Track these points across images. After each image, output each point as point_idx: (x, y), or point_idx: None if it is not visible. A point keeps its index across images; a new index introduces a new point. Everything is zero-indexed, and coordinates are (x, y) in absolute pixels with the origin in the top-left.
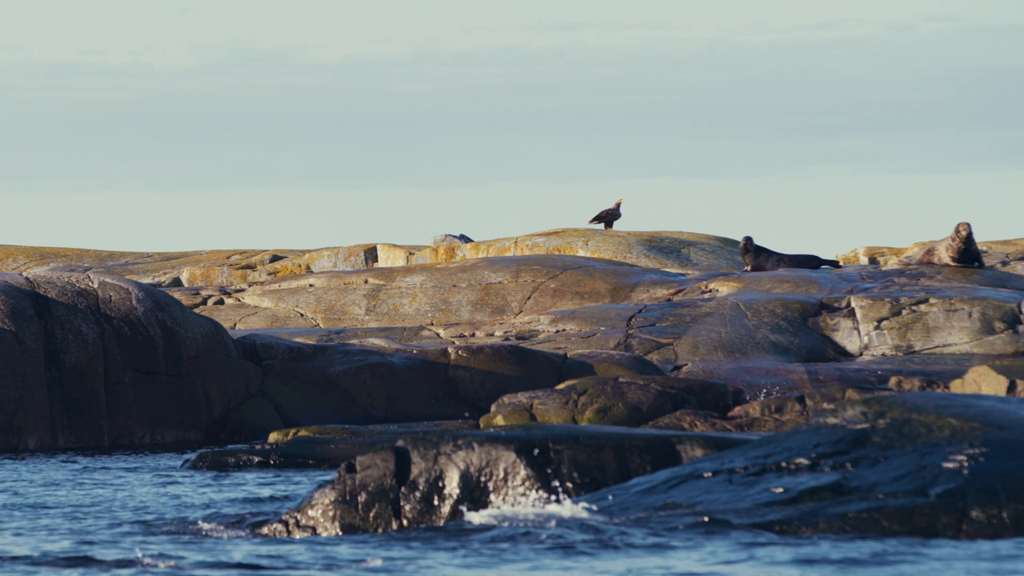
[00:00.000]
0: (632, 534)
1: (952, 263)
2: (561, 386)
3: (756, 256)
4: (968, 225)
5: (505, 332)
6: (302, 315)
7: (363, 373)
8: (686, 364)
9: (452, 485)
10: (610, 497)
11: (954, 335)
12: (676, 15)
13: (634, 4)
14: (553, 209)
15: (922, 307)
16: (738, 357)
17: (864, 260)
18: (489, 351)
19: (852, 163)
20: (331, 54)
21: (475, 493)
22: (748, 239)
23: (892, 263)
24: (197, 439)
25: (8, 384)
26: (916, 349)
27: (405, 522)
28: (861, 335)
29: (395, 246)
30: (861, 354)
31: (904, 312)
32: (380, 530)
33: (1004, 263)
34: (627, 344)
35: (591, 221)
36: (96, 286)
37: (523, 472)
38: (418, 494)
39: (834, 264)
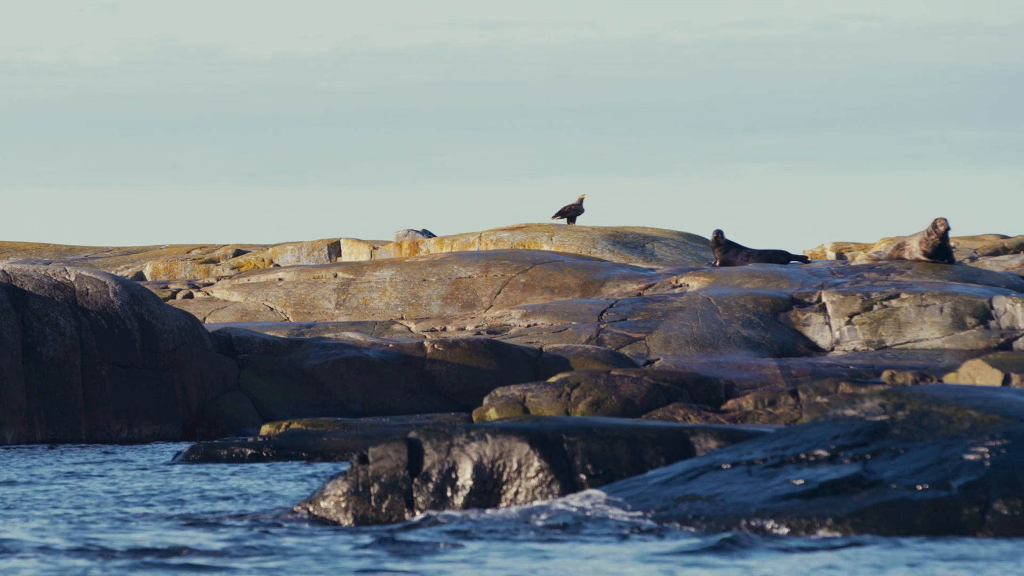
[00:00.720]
0: (652, 526)
1: (924, 258)
2: (553, 379)
3: (725, 251)
4: (946, 221)
5: (476, 326)
6: (272, 309)
7: (340, 367)
8: (658, 359)
9: (465, 476)
10: (628, 488)
11: (925, 330)
12: (603, 14)
13: (561, 3)
14: (481, 207)
15: (893, 302)
16: (710, 352)
17: (831, 255)
18: (465, 345)
19: (778, 162)
20: (260, 52)
21: (488, 485)
22: (719, 233)
23: (860, 258)
24: (174, 433)
25: None
26: (888, 344)
27: (418, 513)
28: (832, 330)
29: (359, 241)
30: (832, 349)
31: (875, 307)
32: (393, 521)
33: (972, 259)
34: (599, 339)
35: (554, 216)
36: (73, 279)
37: (537, 464)
38: (431, 485)
39: (803, 259)
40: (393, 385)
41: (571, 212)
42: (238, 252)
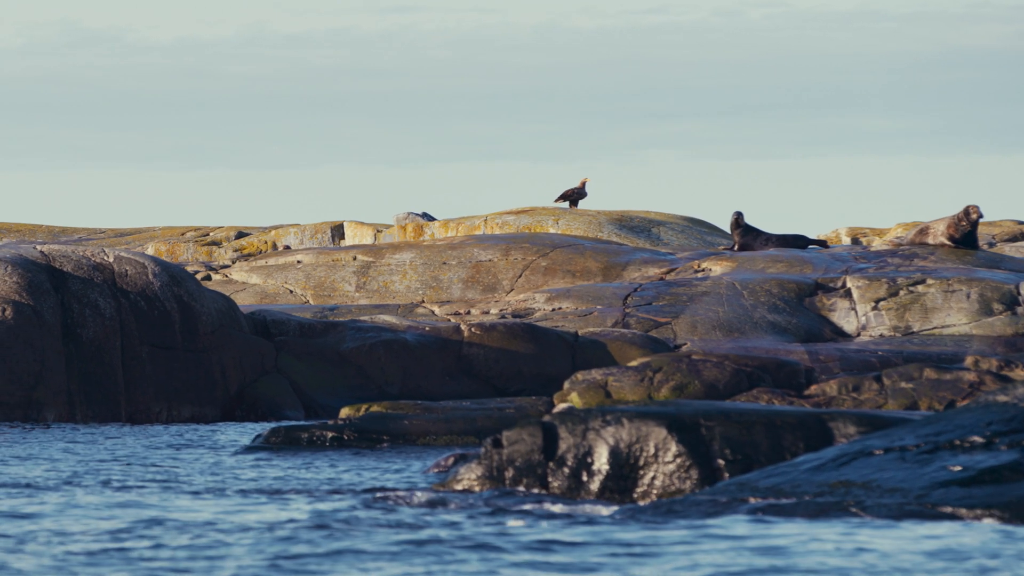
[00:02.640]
0: (810, 512)
1: (949, 243)
2: (635, 363)
3: (744, 234)
4: (979, 208)
5: (500, 310)
6: (291, 291)
7: (377, 350)
8: (685, 343)
9: (601, 461)
10: (780, 474)
11: (952, 316)
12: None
13: None
14: (385, 191)
15: (919, 288)
16: (737, 337)
17: (846, 240)
18: (502, 329)
19: (680, 147)
20: (163, 35)
21: (624, 469)
22: (739, 215)
23: (876, 244)
24: (213, 415)
25: (28, 358)
26: (914, 330)
27: (551, 497)
28: (859, 315)
29: (362, 224)
30: (859, 334)
31: (901, 293)
32: (528, 505)
33: (991, 244)
34: (625, 323)
35: (556, 200)
36: (112, 260)
37: (674, 449)
38: (566, 470)
39: (822, 244)
40: (431, 369)
41: (574, 195)
42: (240, 234)
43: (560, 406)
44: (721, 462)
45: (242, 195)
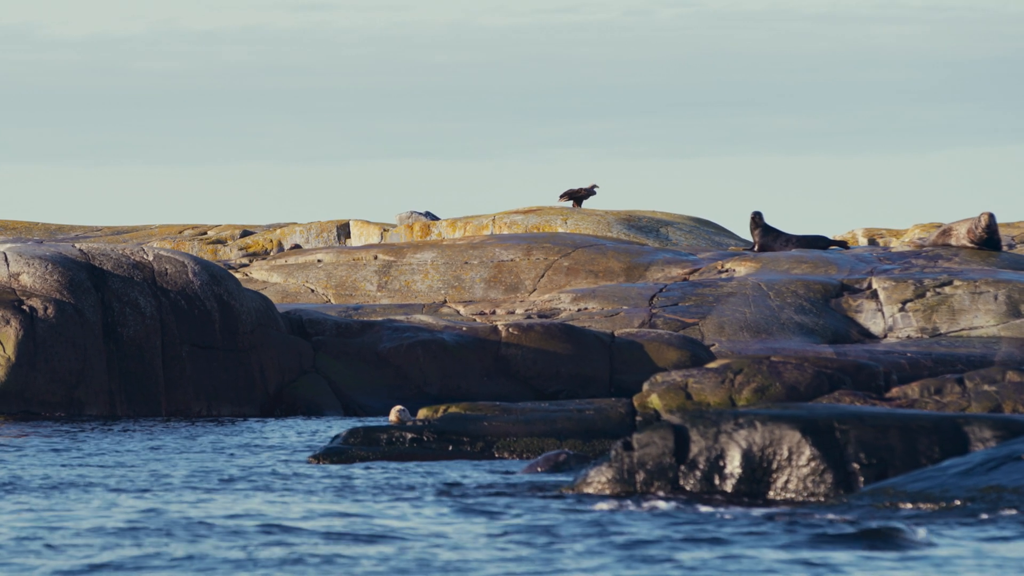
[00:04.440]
0: (963, 518)
1: (971, 246)
2: (714, 364)
3: (764, 234)
4: (990, 215)
5: (526, 310)
6: (312, 291)
7: (415, 350)
8: (713, 344)
9: (733, 464)
10: (926, 478)
11: (980, 318)
12: None
13: None
14: (301, 190)
15: (946, 289)
16: (764, 338)
17: (863, 241)
18: (540, 329)
19: (593, 146)
20: (74, 31)
21: (757, 473)
22: (758, 214)
23: (895, 245)
24: (252, 415)
25: (70, 356)
26: (942, 331)
27: (683, 501)
28: (885, 317)
29: (368, 223)
30: (886, 336)
31: (928, 294)
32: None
33: (1011, 246)
34: (651, 323)
35: (561, 197)
36: (151, 259)
37: (808, 452)
38: (698, 472)
39: (843, 245)
40: (469, 369)
41: (581, 195)
42: (245, 233)
43: (658, 401)
44: (856, 466)
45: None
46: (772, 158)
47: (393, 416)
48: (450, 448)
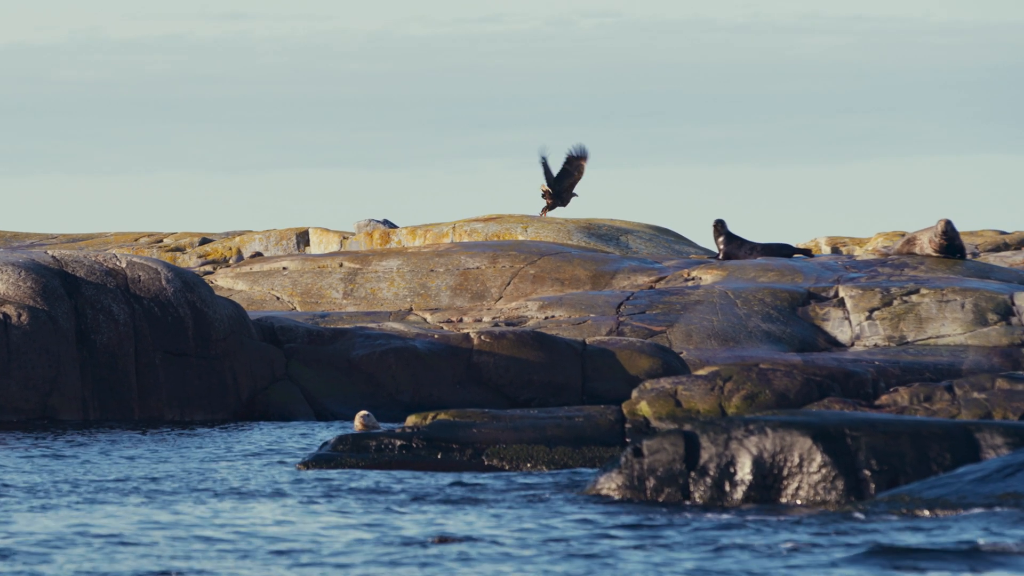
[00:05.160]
0: (984, 525)
1: (935, 254)
2: (703, 372)
3: (729, 243)
4: (947, 221)
5: (493, 318)
6: (278, 298)
7: (388, 357)
8: (681, 352)
9: (744, 471)
10: (942, 485)
11: (947, 326)
12: (342, 7)
13: None
14: (223, 199)
15: (913, 297)
16: (732, 346)
17: (826, 249)
18: (512, 337)
19: (513, 156)
20: None
21: (768, 479)
22: (721, 222)
23: (859, 253)
24: (225, 422)
25: (44, 364)
26: (909, 340)
27: (694, 507)
28: (852, 325)
29: (327, 230)
30: (853, 344)
31: (895, 302)
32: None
33: (975, 255)
34: (619, 331)
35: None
36: (124, 265)
37: (819, 459)
38: (708, 479)
39: (807, 253)
40: (441, 377)
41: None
42: (204, 240)
43: (647, 408)
44: (867, 473)
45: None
46: (695, 168)
47: (358, 423)
48: (439, 455)
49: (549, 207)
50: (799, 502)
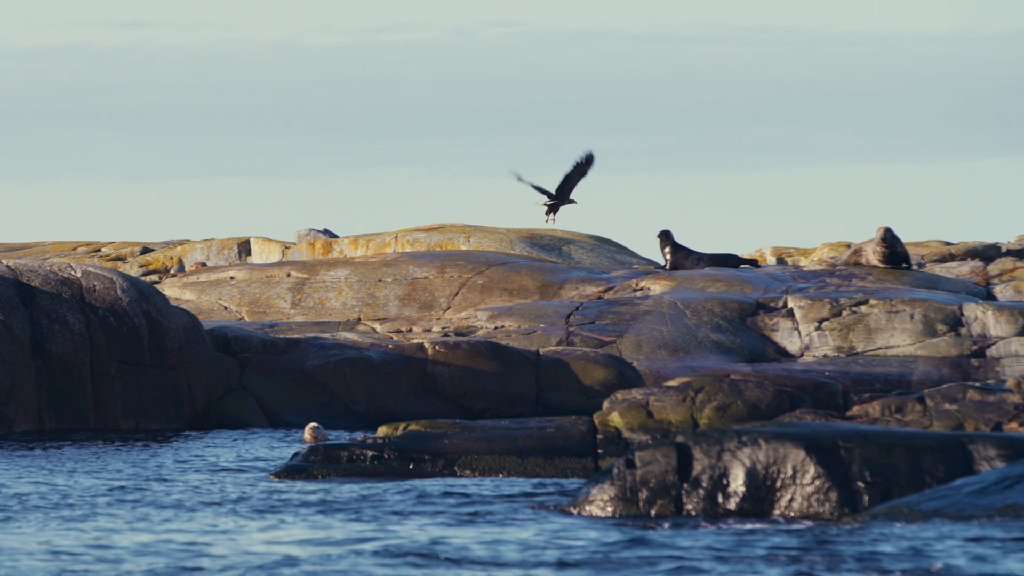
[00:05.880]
0: (982, 537)
1: (881, 264)
2: (675, 382)
3: (675, 252)
4: (886, 229)
5: (443, 328)
6: (226, 308)
7: (342, 367)
8: (632, 362)
9: (737, 482)
10: (941, 497)
11: (896, 337)
12: (244, 16)
13: (202, 4)
14: (128, 208)
15: (863, 308)
16: (683, 356)
17: (771, 260)
18: (466, 347)
19: (419, 165)
20: None
21: (761, 491)
22: (668, 233)
23: (804, 263)
24: (181, 432)
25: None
26: (859, 350)
27: (687, 519)
28: (802, 335)
29: (269, 240)
30: (802, 355)
31: (844, 313)
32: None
33: (920, 265)
34: (569, 341)
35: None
36: (79, 275)
37: (813, 470)
38: (701, 491)
39: (753, 263)
40: (396, 387)
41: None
42: (145, 250)
43: (619, 419)
44: (860, 484)
45: None
46: (598, 177)
47: (307, 434)
48: (411, 466)
49: (553, 210)
50: (792, 514)
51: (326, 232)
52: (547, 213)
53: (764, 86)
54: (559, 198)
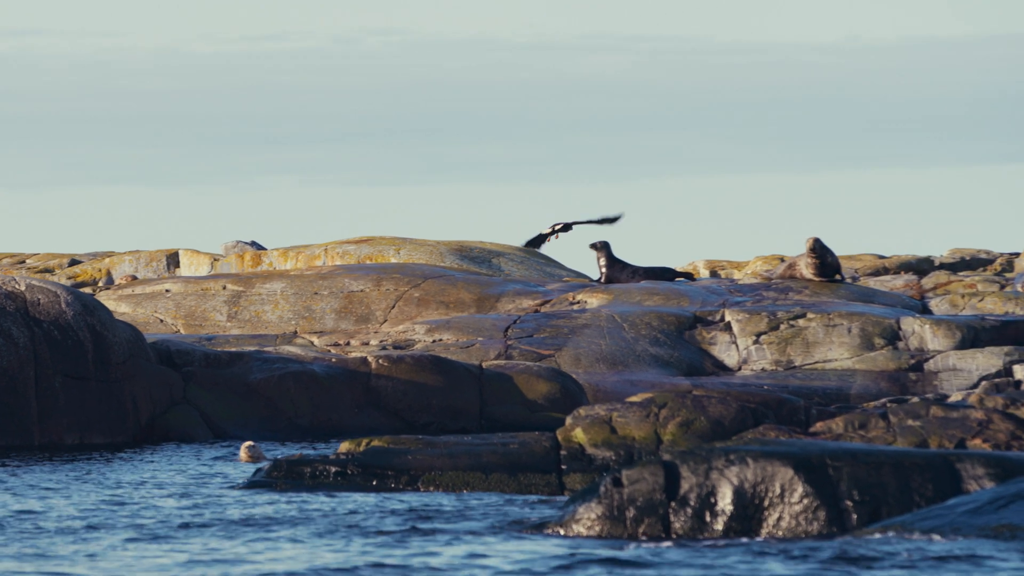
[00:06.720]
0: (978, 556)
1: (815, 278)
2: (638, 398)
3: (611, 266)
4: (815, 239)
5: (381, 341)
6: (162, 321)
7: (286, 381)
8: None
9: (725, 501)
10: (935, 517)
11: (834, 350)
12: (127, 24)
13: (84, 12)
14: (12, 216)
15: (800, 322)
16: (621, 370)
17: (705, 273)
18: (410, 361)
19: (298, 173)
20: None
21: (749, 510)
22: (605, 244)
23: (738, 277)
24: (125, 446)
25: None
26: (796, 364)
27: (675, 538)
28: (740, 349)
29: (198, 252)
30: (740, 368)
31: (782, 327)
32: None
33: (854, 279)
34: (507, 355)
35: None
36: (23, 288)
37: (801, 489)
38: (689, 510)
39: (688, 276)
40: (340, 400)
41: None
42: (73, 262)
43: (582, 435)
44: (849, 503)
45: None
46: (480, 186)
47: (243, 454)
48: (374, 482)
49: (565, 229)
50: (781, 533)
51: (254, 244)
52: (551, 234)
53: (646, 95)
54: (568, 224)
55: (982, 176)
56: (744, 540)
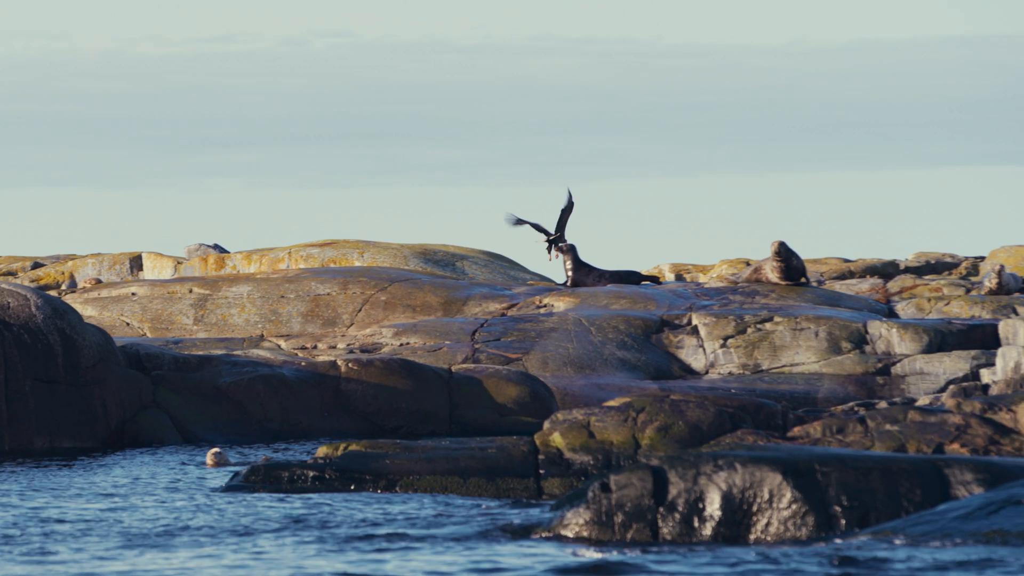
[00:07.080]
0: (969, 562)
1: (781, 282)
2: (615, 403)
3: (577, 270)
4: (780, 243)
5: (348, 344)
6: (128, 324)
7: (256, 385)
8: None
9: (713, 507)
10: (926, 523)
11: (801, 354)
12: (75, 25)
13: (32, 13)
14: None
15: (767, 326)
16: (589, 373)
17: (670, 277)
18: (380, 364)
19: (243, 176)
20: None
21: (737, 515)
22: (573, 248)
23: (704, 280)
24: (95, 450)
25: None
26: (764, 368)
27: (663, 543)
28: (707, 353)
29: (161, 255)
30: (707, 372)
31: (749, 330)
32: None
33: (820, 283)
34: (475, 359)
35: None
36: None
37: (789, 495)
38: (677, 515)
39: (655, 280)
40: (310, 404)
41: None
42: (36, 265)
43: (560, 439)
44: (837, 509)
45: None
46: (428, 188)
47: (210, 460)
48: (352, 487)
49: (554, 244)
50: (769, 539)
51: (216, 247)
52: (549, 251)
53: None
54: (556, 235)
55: (945, 179)
56: (732, 546)
